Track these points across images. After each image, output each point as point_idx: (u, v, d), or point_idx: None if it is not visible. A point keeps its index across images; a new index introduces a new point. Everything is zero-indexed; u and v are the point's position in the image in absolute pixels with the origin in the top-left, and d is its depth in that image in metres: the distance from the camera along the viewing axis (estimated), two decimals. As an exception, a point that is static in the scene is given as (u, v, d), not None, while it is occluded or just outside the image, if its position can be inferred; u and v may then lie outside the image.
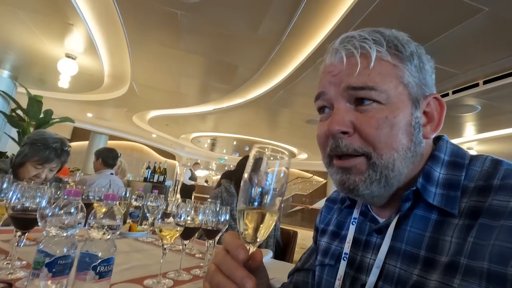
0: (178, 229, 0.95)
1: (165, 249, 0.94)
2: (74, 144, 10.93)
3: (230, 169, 2.34)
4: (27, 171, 1.60)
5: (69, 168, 5.70)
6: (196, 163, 10.30)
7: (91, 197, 1.37)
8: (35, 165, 1.61)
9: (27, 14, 3.50)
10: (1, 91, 5.35)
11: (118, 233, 0.69)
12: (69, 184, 1.95)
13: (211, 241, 1.17)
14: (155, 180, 4.86)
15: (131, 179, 5.44)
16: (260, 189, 0.45)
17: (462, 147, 0.57)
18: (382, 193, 0.52)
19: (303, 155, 11.36)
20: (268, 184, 0.45)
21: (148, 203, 1.49)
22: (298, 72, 4.05)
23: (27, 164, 1.60)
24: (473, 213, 0.47)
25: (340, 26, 2.87)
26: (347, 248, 0.61)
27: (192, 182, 9.10)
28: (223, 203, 1.87)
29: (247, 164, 0.46)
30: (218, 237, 1.19)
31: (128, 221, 1.68)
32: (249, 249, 0.45)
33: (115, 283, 0.83)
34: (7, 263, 0.84)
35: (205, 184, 12.25)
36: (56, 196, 1.06)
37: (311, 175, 14.24)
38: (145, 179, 4.86)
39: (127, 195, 1.63)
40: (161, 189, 4.72)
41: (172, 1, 2.91)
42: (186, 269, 1.08)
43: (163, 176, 4.97)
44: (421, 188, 0.51)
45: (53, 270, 0.60)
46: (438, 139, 0.58)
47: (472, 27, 2.67)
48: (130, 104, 7.23)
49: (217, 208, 1.15)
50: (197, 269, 1.10)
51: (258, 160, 0.46)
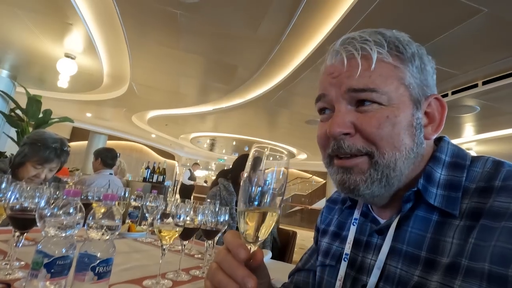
0: (177, 229, 0.95)
1: (164, 249, 0.94)
2: (73, 144, 10.91)
3: (225, 168, 2.34)
4: (27, 171, 1.60)
5: (68, 168, 5.69)
6: (195, 163, 10.30)
7: (90, 197, 1.37)
8: (34, 165, 1.60)
9: (26, 14, 3.49)
10: (0, 90, 5.34)
11: (117, 233, 0.69)
12: (68, 184, 1.95)
13: (210, 241, 1.17)
14: (154, 180, 4.86)
15: (130, 179, 5.43)
16: (260, 188, 0.45)
17: (463, 148, 0.57)
18: (383, 193, 0.52)
19: (302, 156, 11.36)
20: (268, 183, 0.45)
21: (147, 203, 1.48)
22: (297, 72, 4.05)
23: (26, 164, 1.60)
24: (474, 214, 0.47)
25: (340, 26, 2.87)
26: (348, 248, 0.61)
27: (192, 182, 9.11)
28: (222, 201, 1.88)
29: (247, 163, 0.46)
30: (217, 237, 1.19)
31: (127, 221, 1.68)
32: (250, 248, 0.45)
33: (114, 283, 0.83)
34: (5, 264, 0.84)
35: (205, 184, 12.25)
36: (55, 196, 1.05)
37: (311, 175, 14.24)
38: (144, 179, 4.86)
39: (126, 195, 1.62)
40: (160, 189, 4.73)
41: (172, 1, 2.90)
42: (185, 269, 1.08)
43: (162, 176, 4.97)
44: (422, 189, 0.51)
45: (52, 270, 0.60)
46: (439, 140, 0.59)
47: (472, 28, 2.67)
48: (129, 104, 7.22)
49: (216, 209, 1.15)
50: (196, 270, 1.10)
51: (258, 160, 0.46)
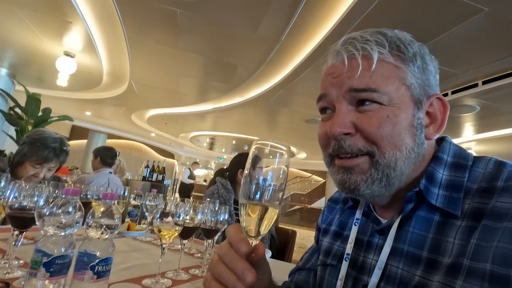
0: (177, 228, 0.95)
1: (163, 248, 0.93)
2: (72, 143, 10.90)
3: (223, 168, 2.37)
4: (26, 170, 1.60)
5: (67, 167, 5.68)
6: (195, 162, 10.28)
7: (89, 196, 1.37)
8: (33, 164, 1.60)
9: (25, 12, 3.48)
10: (-1, 89, 5.33)
11: (116, 232, 0.68)
12: (67, 182, 1.95)
13: (210, 240, 1.16)
14: (154, 179, 4.85)
15: (129, 178, 5.43)
16: (261, 184, 0.46)
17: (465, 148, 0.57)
18: (383, 192, 0.52)
19: (302, 155, 11.36)
20: (268, 179, 0.46)
21: (146, 202, 1.48)
22: (297, 71, 4.05)
23: (25, 163, 1.60)
24: (476, 214, 0.47)
25: (339, 26, 2.87)
26: (349, 248, 0.61)
27: (191, 181, 9.10)
28: (220, 199, 1.88)
29: (247, 160, 0.47)
30: (217, 236, 1.19)
31: (127, 220, 1.68)
32: (252, 243, 0.46)
33: (113, 282, 0.83)
34: (4, 262, 0.84)
35: (204, 183, 12.25)
36: (54, 195, 1.05)
37: (310, 174, 14.26)
38: (144, 178, 4.85)
39: (126, 194, 1.62)
40: (160, 188, 4.71)
41: (172, -1, 2.90)
42: (184, 268, 1.08)
43: (162, 175, 4.95)
44: (424, 190, 0.51)
45: (51, 269, 0.59)
46: (441, 140, 0.58)
47: (472, 28, 2.67)
48: (129, 102, 7.22)
49: (216, 208, 1.15)
50: (196, 269, 1.09)
51: (258, 156, 0.47)
